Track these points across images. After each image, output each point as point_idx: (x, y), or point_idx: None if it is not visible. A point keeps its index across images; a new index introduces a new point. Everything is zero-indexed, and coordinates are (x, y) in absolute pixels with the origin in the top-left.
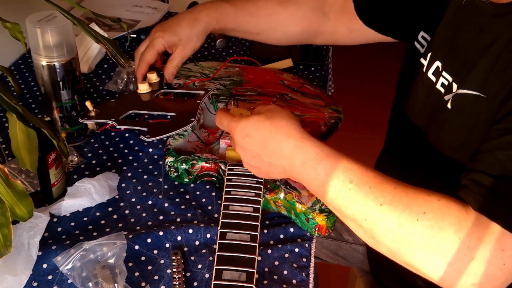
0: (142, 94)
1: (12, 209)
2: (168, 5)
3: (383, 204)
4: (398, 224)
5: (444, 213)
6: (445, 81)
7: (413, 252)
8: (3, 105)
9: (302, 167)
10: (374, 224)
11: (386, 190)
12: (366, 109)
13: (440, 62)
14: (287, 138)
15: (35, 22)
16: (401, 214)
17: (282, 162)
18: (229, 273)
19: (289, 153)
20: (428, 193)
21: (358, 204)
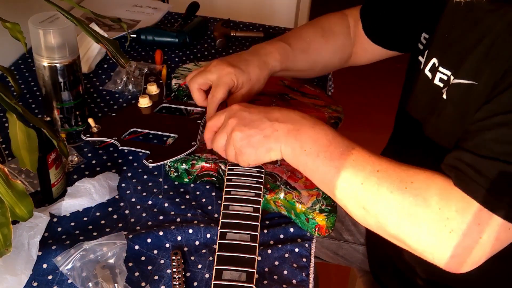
0: (143, 108)
1: (12, 209)
2: (168, 5)
3: (379, 171)
4: (390, 190)
5: (429, 184)
6: (443, 76)
7: (399, 221)
8: (3, 105)
9: (311, 128)
10: (369, 188)
11: (383, 160)
12: (366, 109)
13: (436, 59)
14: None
15: (37, 23)
16: (393, 181)
17: (289, 123)
18: (229, 273)
19: (299, 116)
20: (419, 168)
21: (358, 167)
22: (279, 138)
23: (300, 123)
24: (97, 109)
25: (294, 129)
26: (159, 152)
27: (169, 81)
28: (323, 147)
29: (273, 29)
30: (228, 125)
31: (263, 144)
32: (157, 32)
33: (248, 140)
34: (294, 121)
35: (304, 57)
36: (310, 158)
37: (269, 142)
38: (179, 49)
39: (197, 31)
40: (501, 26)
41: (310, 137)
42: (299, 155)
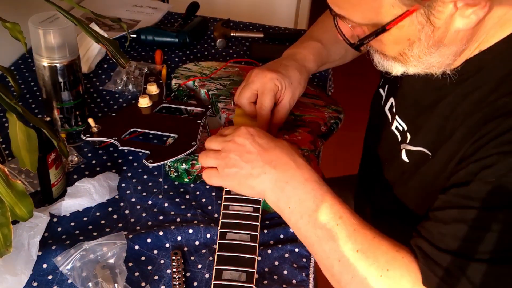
0: (143, 108)
1: (12, 209)
2: (168, 5)
3: (359, 251)
4: (364, 276)
5: (403, 274)
6: (399, 126)
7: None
8: (3, 105)
9: (301, 184)
10: (345, 268)
11: (366, 238)
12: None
13: (394, 100)
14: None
15: (37, 23)
16: (370, 266)
17: (280, 171)
18: (229, 273)
19: (295, 164)
20: (399, 247)
21: (338, 242)
22: (265, 182)
23: (292, 174)
24: (97, 109)
25: (283, 180)
26: (159, 152)
27: (169, 81)
28: (308, 211)
29: (273, 29)
30: (226, 149)
31: (247, 180)
32: (157, 32)
33: (236, 170)
34: (286, 170)
35: (336, 48)
36: (293, 216)
37: (254, 181)
38: (179, 49)
39: (197, 31)
40: (454, 98)
41: (296, 195)
42: (283, 209)
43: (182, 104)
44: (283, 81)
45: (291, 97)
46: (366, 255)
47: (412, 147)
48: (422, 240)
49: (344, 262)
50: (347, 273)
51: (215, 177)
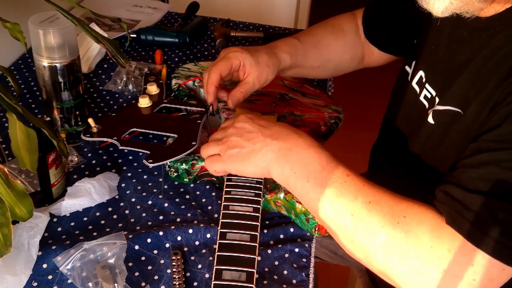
0: (143, 108)
1: (12, 209)
2: (168, 5)
3: (372, 202)
4: (380, 224)
5: (422, 219)
6: (428, 94)
7: (388, 257)
8: (3, 105)
9: (304, 149)
10: (359, 220)
11: (376, 191)
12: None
13: (423, 72)
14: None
15: (37, 23)
16: (385, 214)
17: (281, 140)
18: (229, 273)
19: (296, 135)
20: (412, 200)
21: (349, 197)
22: (267, 154)
23: (294, 142)
24: (97, 109)
25: (286, 147)
26: (159, 152)
27: (169, 81)
28: (314, 173)
29: (273, 29)
30: (227, 135)
31: (250, 157)
32: (157, 32)
33: (238, 150)
34: (287, 139)
35: (315, 53)
36: (300, 182)
37: (256, 156)
38: (179, 49)
39: (197, 31)
40: (487, 51)
41: (301, 159)
42: (288, 176)
43: (182, 104)
44: (249, 59)
45: (256, 76)
46: (379, 204)
47: (440, 107)
48: (448, 185)
49: (357, 215)
50: (362, 226)
51: (217, 162)
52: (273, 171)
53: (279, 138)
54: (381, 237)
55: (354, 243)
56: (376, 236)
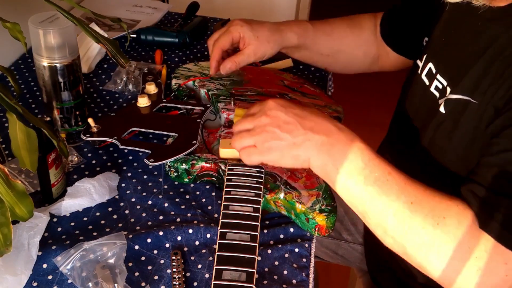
0: (142, 108)
1: (12, 209)
2: (168, 5)
3: (413, 203)
4: (421, 226)
5: (461, 220)
6: (439, 85)
7: (428, 255)
8: (3, 105)
9: (347, 145)
10: (400, 220)
11: (418, 190)
12: (366, 109)
13: (433, 64)
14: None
15: (37, 23)
16: (426, 216)
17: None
18: (229, 273)
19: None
20: (451, 197)
21: (391, 197)
22: (309, 149)
23: (336, 137)
24: (97, 109)
25: (328, 143)
26: (160, 152)
27: (169, 81)
28: (357, 170)
29: None
30: (260, 124)
31: (290, 150)
32: (157, 32)
33: (277, 143)
34: (329, 133)
35: (326, 40)
36: (342, 177)
37: (298, 150)
38: (179, 49)
39: (197, 31)
40: (504, 40)
41: (344, 156)
42: (330, 172)
43: (181, 104)
44: (249, 32)
45: (253, 49)
46: (421, 205)
47: (453, 96)
48: (475, 185)
49: (399, 214)
50: (403, 225)
51: (255, 155)
52: (314, 165)
53: (320, 132)
54: (422, 238)
55: (394, 240)
56: (417, 236)
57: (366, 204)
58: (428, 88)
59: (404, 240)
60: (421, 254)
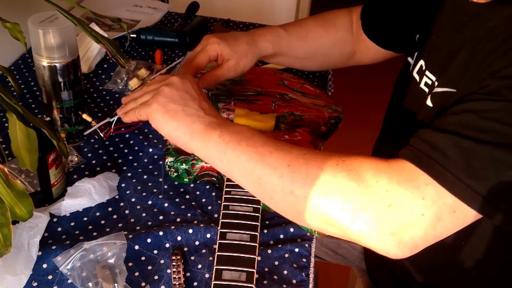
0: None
1: (12, 209)
2: (168, 5)
3: (306, 154)
4: (319, 168)
5: (362, 161)
6: (428, 81)
7: (332, 199)
8: (3, 105)
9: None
10: (297, 169)
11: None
12: (366, 109)
13: (424, 61)
14: None
15: (37, 23)
16: (324, 160)
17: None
18: (229, 273)
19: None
20: None
21: (284, 151)
22: (194, 123)
23: (223, 120)
24: (97, 109)
25: (216, 123)
26: None
27: None
28: (245, 138)
29: None
30: (161, 85)
31: (175, 115)
32: (157, 32)
33: (167, 101)
34: (218, 117)
35: (301, 44)
36: (230, 147)
37: (183, 119)
38: (179, 49)
39: (197, 31)
40: (483, 32)
41: (231, 129)
42: (215, 144)
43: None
44: (226, 49)
45: (233, 64)
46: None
47: (438, 89)
48: (423, 129)
49: (294, 164)
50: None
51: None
52: (195, 140)
53: (212, 115)
54: (321, 180)
55: (294, 194)
56: (316, 179)
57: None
58: (418, 85)
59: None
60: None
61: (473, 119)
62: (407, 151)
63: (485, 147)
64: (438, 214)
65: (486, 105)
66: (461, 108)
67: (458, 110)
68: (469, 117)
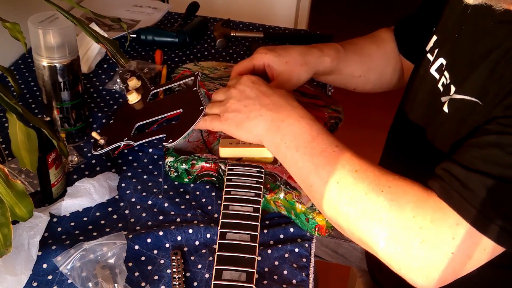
0: (135, 104)
1: (12, 209)
2: (168, 5)
3: (358, 171)
4: (365, 192)
5: (406, 190)
6: (445, 81)
7: (370, 224)
8: (3, 105)
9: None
10: (344, 188)
11: (364, 162)
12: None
13: (444, 59)
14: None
15: (37, 23)
16: (370, 182)
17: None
18: (229, 273)
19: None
20: (400, 175)
21: (336, 165)
22: (260, 123)
23: (287, 113)
24: (97, 109)
25: (279, 119)
26: (174, 130)
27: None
28: (304, 143)
29: (273, 29)
30: (228, 96)
31: (244, 123)
32: (157, 32)
33: (235, 114)
34: (281, 110)
35: (357, 60)
36: (289, 151)
37: (250, 123)
38: (179, 49)
39: (197, 31)
40: (509, 43)
41: (292, 130)
42: (279, 146)
43: (169, 84)
44: (274, 58)
45: (286, 76)
46: (365, 174)
47: (457, 96)
48: (449, 162)
49: (342, 183)
50: (346, 193)
51: (216, 121)
52: (264, 140)
53: (274, 109)
54: (365, 204)
55: (337, 210)
56: (360, 203)
57: (312, 175)
58: (437, 84)
59: (347, 208)
60: (364, 223)
61: (499, 154)
62: (438, 184)
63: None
64: (468, 253)
65: (509, 139)
66: (486, 140)
67: (483, 143)
68: (495, 151)
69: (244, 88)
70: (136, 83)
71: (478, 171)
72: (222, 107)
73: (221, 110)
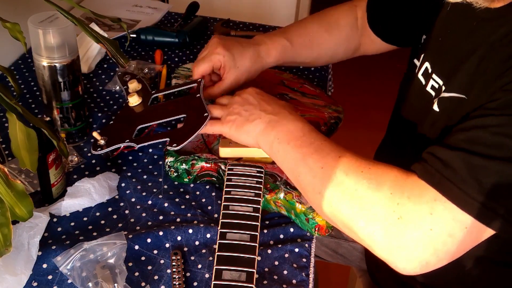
0: (135, 106)
1: (12, 209)
2: (168, 5)
3: (341, 157)
4: (346, 173)
5: (386, 171)
6: (435, 84)
7: (351, 204)
8: (3, 105)
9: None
10: (327, 172)
11: (350, 152)
12: (366, 109)
13: (429, 63)
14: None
15: (37, 23)
16: (352, 165)
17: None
18: (229, 273)
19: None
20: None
21: (322, 153)
22: (258, 125)
23: (284, 116)
24: (97, 109)
25: (275, 120)
26: (178, 135)
27: (169, 81)
28: (295, 137)
29: (273, 29)
30: (232, 102)
31: (243, 125)
32: (157, 32)
33: (236, 117)
34: (278, 114)
35: (306, 52)
36: (282, 145)
37: (249, 125)
38: (179, 49)
39: (197, 31)
40: (495, 37)
41: (286, 128)
42: (272, 143)
43: (171, 88)
44: (230, 62)
45: (233, 79)
46: (348, 158)
47: (446, 94)
48: (436, 146)
49: (326, 167)
50: (329, 177)
51: (217, 125)
52: (260, 141)
53: (272, 113)
54: (346, 185)
55: (321, 194)
56: (341, 184)
57: (300, 164)
58: (424, 88)
59: (330, 192)
60: (346, 205)
61: (483, 135)
62: (420, 166)
63: (495, 163)
64: (448, 230)
65: (495, 120)
66: (471, 124)
67: (468, 126)
68: (479, 133)
69: (247, 96)
70: (136, 86)
71: (462, 149)
72: (224, 110)
73: (223, 113)
